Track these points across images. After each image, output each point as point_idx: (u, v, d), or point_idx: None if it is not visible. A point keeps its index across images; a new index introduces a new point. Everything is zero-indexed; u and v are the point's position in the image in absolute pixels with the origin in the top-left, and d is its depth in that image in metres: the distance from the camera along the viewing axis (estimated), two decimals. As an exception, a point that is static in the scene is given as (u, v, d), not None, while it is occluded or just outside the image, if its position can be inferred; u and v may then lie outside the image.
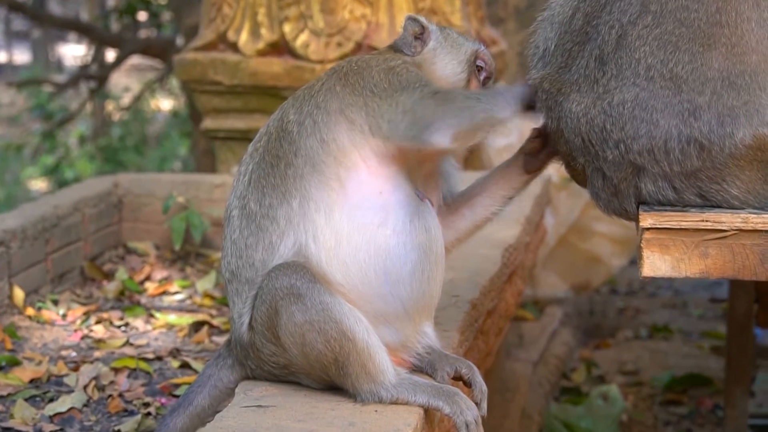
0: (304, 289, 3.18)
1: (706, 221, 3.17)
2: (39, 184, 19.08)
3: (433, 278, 3.35)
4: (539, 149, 3.59)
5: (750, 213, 3.20)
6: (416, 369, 3.41)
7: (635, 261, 9.89)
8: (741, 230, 3.17)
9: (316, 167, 3.28)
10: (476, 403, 3.35)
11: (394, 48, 3.56)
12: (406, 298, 3.29)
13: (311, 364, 3.25)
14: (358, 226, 3.24)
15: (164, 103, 22.17)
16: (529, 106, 3.46)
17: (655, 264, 3.21)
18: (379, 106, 3.29)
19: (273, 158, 3.34)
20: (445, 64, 3.53)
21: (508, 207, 3.67)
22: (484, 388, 3.42)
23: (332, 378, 3.26)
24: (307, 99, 3.39)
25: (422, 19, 3.56)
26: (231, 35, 6.58)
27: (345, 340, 3.18)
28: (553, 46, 3.46)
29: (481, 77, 3.59)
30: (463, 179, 3.67)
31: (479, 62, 3.58)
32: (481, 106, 3.28)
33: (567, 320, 8.34)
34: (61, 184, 16.27)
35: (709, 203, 3.26)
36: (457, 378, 3.44)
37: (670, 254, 3.19)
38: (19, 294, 4.98)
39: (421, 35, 3.54)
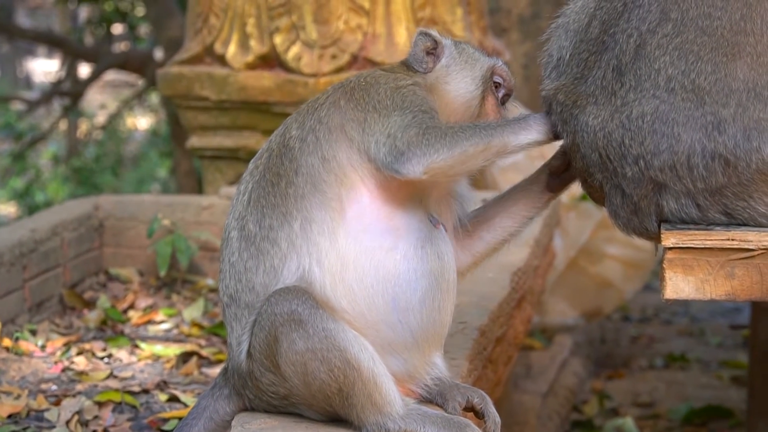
0: (306, 315, 3.20)
1: (732, 240, 3.20)
2: (8, 209, 19.06)
3: (444, 307, 3.38)
4: (564, 169, 3.61)
5: (778, 231, 3.23)
6: (424, 400, 3.43)
7: (649, 286, 9.97)
8: (769, 249, 3.20)
9: (317, 187, 3.31)
10: None
11: (406, 64, 3.58)
12: (415, 326, 3.32)
13: (313, 394, 3.27)
14: (365, 249, 3.26)
15: (142, 122, 22.20)
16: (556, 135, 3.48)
17: (678, 286, 3.22)
18: (374, 125, 3.32)
19: (274, 176, 3.37)
20: (458, 81, 3.54)
21: (526, 228, 3.69)
22: (498, 419, 3.45)
23: (336, 409, 3.28)
24: (310, 113, 3.42)
25: (435, 33, 3.57)
26: (218, 47, 6.61)
27: (349, 369, 3.20)
28: (568, 56, 3.48)
29: (500, 94, 3.60)
30: (472, 200, 3.70)
31: (496, 78, 3.59)
32: (475, 137, 3.28)
33: (577, 349, 8.36)
34: (32, 208, 16.27)
35: (734, 221, 3.28)
36: (469, 408, 3.46)
37: (694, 275, 3.21)
38: (-5, 324, 5.00)
39: (433, 50, 3.56)
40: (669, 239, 3.21)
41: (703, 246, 3.20)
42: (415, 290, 3.30)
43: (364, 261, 3.26)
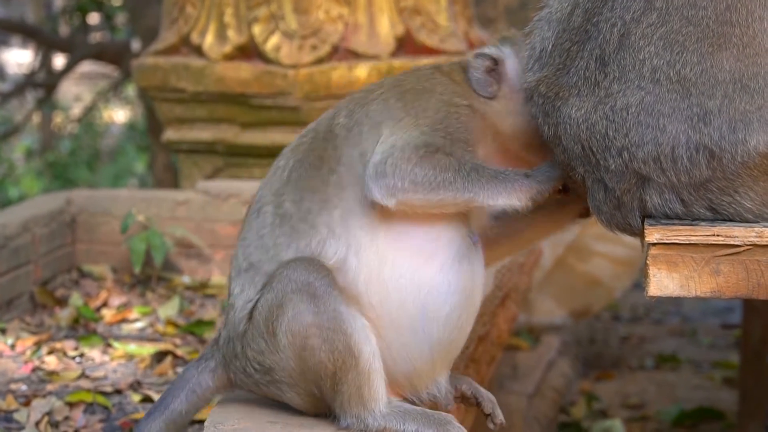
0: (321, 290, 3.24)
1: (718, 235, 3.21)
2: (-20, 204, 19.02)
3: (464, 327, 3.45)
4: None
5: (765, 227, 3.23)
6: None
7: (639, 284, 10.01)
8: (755, 245, 3.20)
9: (358, 181, 3.35)
10: (488, 414, 3.55)
11: (465, 76, 3.53)
12: (435, 339, 3.38)
13: (305, 371, 3.30)
14: (405, 252, 3.32)
15: (119, 114, 22.16)
16: (558, 191, 3.49)
17: (662, 282, 3.24)
18: (403, 128, 3.35)
19: (316, 159, 3.41)
20: (519, 111, 3.50)
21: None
22: (492, 396, 3.58)
23: (323, 392, 3.32)
24: (360, 104, 3.46)
25: (492, 51, 3.54)
26: (195, 38, 6.61)
27: (349, 356, 3.25)
28: (550, 46, 3.48)
29: None
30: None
31: None
32: (458, 190, 3.30)
33: (565, 349, 8.38)
34: (5, 203, 16.22)
35: (720, 217, 3.29)
36: (458, 396, 3.55)
37: (678, 272, 3.22)
38: (-37, 322, 5.00)
39: (494, 69, 3.54)
40: (653, 235, 3.22)
41: (687, 242, 3.21)
42: (445, 303, 3.35)
43: (402, 262, 3.32)
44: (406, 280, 3.31)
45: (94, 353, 5.06)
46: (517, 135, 3.53)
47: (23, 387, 4.66)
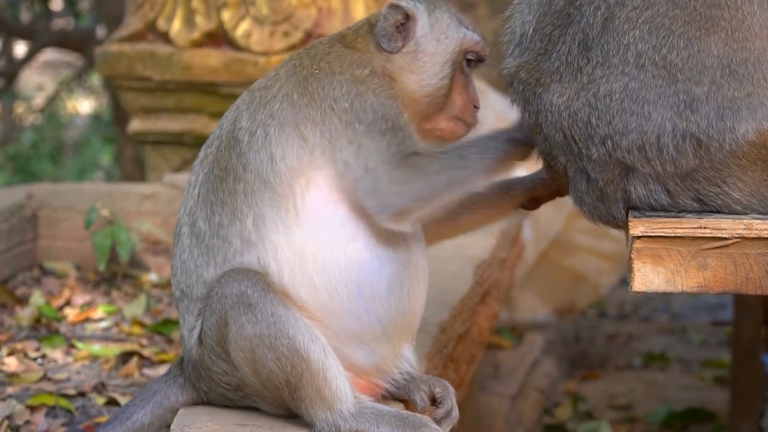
0: (256, 297, 3.24)
1: (705, 228, 3.21)
2: (-62, 199, 18.91)
3: (413, 294, 3.43)
4: (549, 198, 3.69)
5: (754, 219, 3.24)
6: (389, 396, 3.49)
7: (626, 280, 10.03)
8: (744, 238, 3.21)
9: (267, 185, 3.35)
10: (436, 420, 3.47)
11: (372, 33, 3.54)
12: (383, 315, 3.37)
13: (264, 384, 3.31)
14: (324, 242, 3.32)
15: (83, 105, 22.10)
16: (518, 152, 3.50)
17: (647, 277, 3.24)
18: (338, 134, 3.35)
19: (221, 171, 3.41)
20: (425, 70, 3.52)
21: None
22: (455, 412, 3.52)
23: (287, 402, 3.32)
24: (262, 104, 3.44)
25: (407, 5, 3.54)
26: (161, 24, 6.60)
27: (297, 359, 3.24)
28: (531, 31, 3.49)
29: (470, 70, 3.60)
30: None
31: (469, 56, 3.60)
32: (452, 179, 3.33)
33: (549, 348, 8.40)
34: (-36, 198, 16.18)
35: (707, 208, 3.30)
36: (431, 399, 3.54)
37: (663, 266, 3.23)
38: None
39: (404, 24, 3.54)
40: (637, 227, 3.22)
41: (673, 235, 3.21)
42: (380, 277, 3.35)
43: (323, 253, 3.32)
44: (332, 268, 3.31)
45: (57, 354, 5.05)
46: (423, 96, 3.52)
47: (-18, 390, 4.64)
